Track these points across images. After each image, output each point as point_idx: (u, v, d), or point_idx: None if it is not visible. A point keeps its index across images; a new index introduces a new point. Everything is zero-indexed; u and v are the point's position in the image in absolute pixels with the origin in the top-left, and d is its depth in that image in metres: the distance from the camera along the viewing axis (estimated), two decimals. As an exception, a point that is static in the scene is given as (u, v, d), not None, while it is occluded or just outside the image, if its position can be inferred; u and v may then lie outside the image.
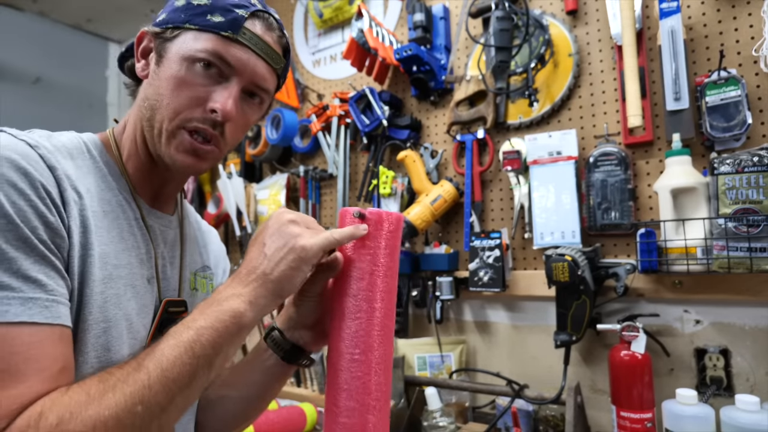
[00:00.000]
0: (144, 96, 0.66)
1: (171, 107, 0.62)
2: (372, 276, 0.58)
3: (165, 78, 0.63)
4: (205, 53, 0.62)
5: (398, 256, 0.61)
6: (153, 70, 0.65)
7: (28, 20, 2.39)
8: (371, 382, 0.56)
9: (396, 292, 0.61)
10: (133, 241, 0.65)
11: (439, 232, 1.50)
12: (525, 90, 1.31)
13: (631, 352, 1.03)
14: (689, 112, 1.08)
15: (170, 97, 0.62)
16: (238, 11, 0.63)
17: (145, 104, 0.65)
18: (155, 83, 0.64)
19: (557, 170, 1.25)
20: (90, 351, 0.56)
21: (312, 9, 1.82)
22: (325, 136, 1.72)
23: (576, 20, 1.30)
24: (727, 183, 0.98)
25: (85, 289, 0.56)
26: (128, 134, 0.68)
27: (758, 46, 1.04)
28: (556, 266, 1.08)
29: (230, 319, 0.53)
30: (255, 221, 1.83)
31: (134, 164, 0.68)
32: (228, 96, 0.63)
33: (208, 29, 0.62)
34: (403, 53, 1.41)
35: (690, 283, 1.09)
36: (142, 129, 0.66)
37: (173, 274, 0.73)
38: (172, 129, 0.63)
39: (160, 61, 0.64)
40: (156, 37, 0.65)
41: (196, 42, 0.62)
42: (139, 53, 0.68)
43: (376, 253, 0.58)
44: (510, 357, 1.36)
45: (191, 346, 0.52)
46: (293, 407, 1.30)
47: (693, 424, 0.93)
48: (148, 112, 0.64)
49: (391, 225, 0.59)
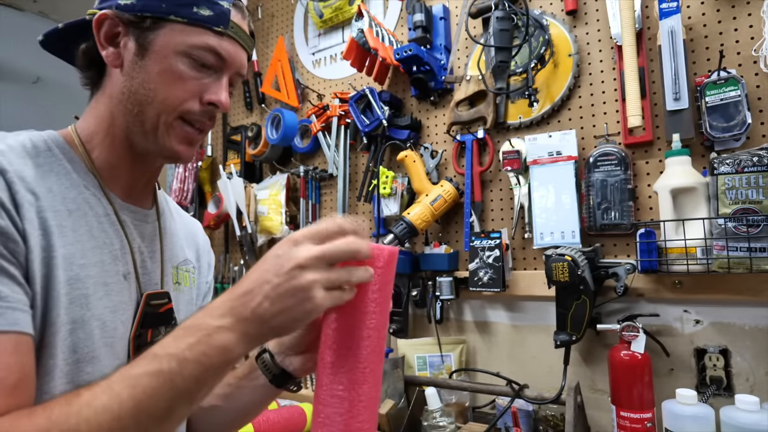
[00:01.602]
0: (126, 90, 0.63)
1: (168, 102, 0.63)
2: (361, 313, 0.55)
3: (156, 72, 0.62)
4: (204, 50, 0.63)
5: (391, 290, 0.58)
6: (133, 62, 0.62)
7: (28, 20, 2.39)
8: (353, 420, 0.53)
9: (386, 326, 0.58)
10: (104, 238, 0.63)
11: (439, 232, 1.50)
12: (525, 90, 1.31)
13: (631, 352, 1.03)
14: (689, 112, 1.08)
15: (166, 91, 0.62)
16: (223, 3, 0.64)
17: (130, 99, 0.63)
18: (141, 77, 0.62)
19: (557, 170, 1.25)
20: (59, 354, 0.55)
21: (312, 9, 1.82)
22: (325, 136, 1.72)
23: (576, 20, 1.31)
24: (727, 183, 0.98)
25: (51, 292, 0.54)
26: (99, 129, 0.66)
27: (758, 46, 1.04)
28: (556, 266, 1.08)
29: (217, 354, 0.48)
30: (255, 221, 1.83)
31: (106, 159, 0.66)
32: (222, 88, 0.65)
33: (198, 23, 0.62)
34: (403, 53, 1.41)
35: (690, 283, 1.09)
36: (124, 123, 0.64)
37: (154, 268, 0.71)
38: (170, 121, 0.64)
39: (143, 53, 0.62)
40: (130, 25, 0.62)
41: (189, 36, 0.62)
42: (102, 38, 0.63)
43: (367, 288, 0.55)
44: (510, 357, 1.36)
45: (172, 378, 0.47)
46: (293, 407, 1.30)
47: (693, 424, 0.93)
48: (136, 106, 0.63)
49: (383, 261, 0.56)
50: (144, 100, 0.62)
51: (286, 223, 1.76)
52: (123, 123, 0.64)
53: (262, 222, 1.81)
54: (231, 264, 2.04)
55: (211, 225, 1.96)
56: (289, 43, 1.94)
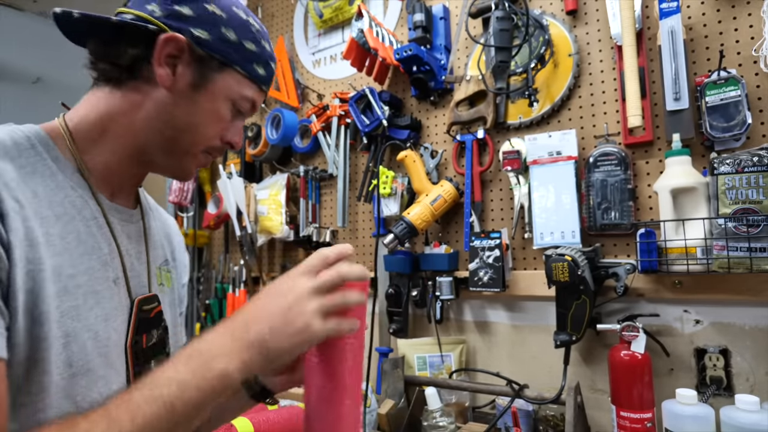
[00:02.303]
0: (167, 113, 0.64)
1: (204, 137, 0.67)
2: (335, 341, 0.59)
3: (204, 110, 0.66)
4: (249, 103, 0.70)
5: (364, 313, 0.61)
6: (185, 90, 0.64)
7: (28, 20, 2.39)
8: None
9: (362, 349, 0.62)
10: (92, 243, 0.61)
11: (439, 232, 1.50)
12: (525, 90, 1.31)
13: (631, 352, 1.03)
14: (689, 112, 1.08)
15: (206, 127, 0.67)
16: (272, 65, 0.71)
17: (168, 122, 0.65)
18: (188, 107, 0.65)
19: (557, 170, 1.25)
20: (53, 369, 0.53)
21: (312, 9, 1.82)
22: (325, 136, 1.72)
23: (576, 20, 1.30)
24: (727, 183, 0.98)
25: (41, 306, 0.52)
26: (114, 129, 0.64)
27: (758, 46, 1.04)
28: (556, 266, 1.08)
29: (218, 381, 0.50)
30: (255, 221, 1.83)
31: (104, 161, 0.64)
32: (240, 131, 0.73)
33: (254, 80, 0.69)
34: (403, 53, 1.41)
35: (690, 283, 1.09)
36: (148, 138, 0.65)
37: (141, 270, 0.70)
38: (196, 152, 0.69)
39: (200, 87, 0.65)
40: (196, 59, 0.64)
41: (243, 88, 0.68)
42: (164, 56, 0.63)
43: None
44: (510, 357, 1.36)
45: (172, 403, 0.48)
46: (293, 407, 1.30)
47: (693, 424, 0.93)
48: (170, 130, 0.65)
49: None
50: (183, 128, 0.65)
51: (286, 223, 1.76)
52: (147, 137, 0.65)
53: (262, 222, 1.81)
54: (231, 264, 2.04)
55: (211, 225, 1.96)
56: (289, 43, 1.94)
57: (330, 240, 1.72)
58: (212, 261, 2.17)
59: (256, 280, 1.91)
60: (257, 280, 1.91)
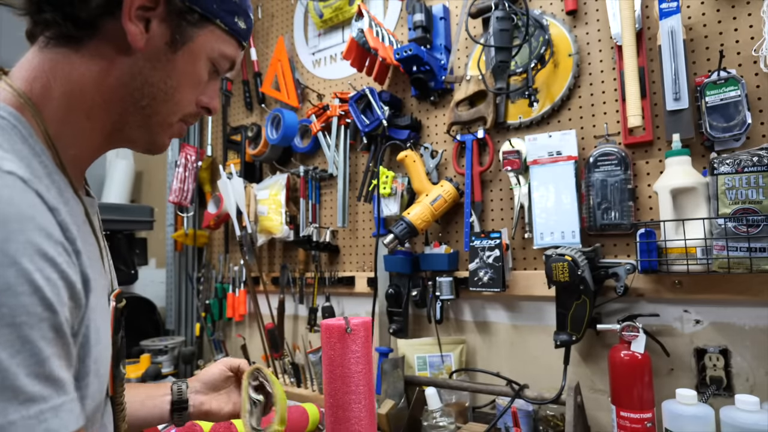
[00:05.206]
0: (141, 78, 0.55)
1: (181, 104, 0.59)
2: None
3: (182, 72, 0.57)
4: (228, 62, 0.62)
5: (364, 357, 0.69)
6: (161, 51, 0.55)
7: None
8: None
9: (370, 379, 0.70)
10: (92, 243, 0.55)
11: (439, 232, 1.50)
12: (525, 90, 1.31)
13: (631, 352, 1.03)
14: (689, 112, 1.08)
15: (183, 92, 0.59)
16: (252, 17, 0.64)
17: (143, 89, 0.55)
18: (166, 70, 0.56)
19: (557, 170, 1.25)
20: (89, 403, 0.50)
21: (312, 9, 1.82)
22: (325, 136, 1.72)
23: (576, 20, 1.30)
24: (727, 183, 0.98)
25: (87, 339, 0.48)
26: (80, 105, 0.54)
27: (758, 46, 1.04)
28: (556, 266, 1.08)
29: None
30: (255, 221, 1.83)
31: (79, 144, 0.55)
32: (216, 94, 0.65)
33: (235, 34, 0.61)
34: (403, 53, 1.41)
35: (690, 283, 1.09)
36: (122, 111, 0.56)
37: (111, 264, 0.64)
38: (172, 122, 0.60)
39: (176, 47, 0.56)
40: (173, 12, 0.54)
41: (224, 45, 0.60)
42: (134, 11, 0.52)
43: None
44: (510, 357, 1.36)
45: None
46: (295, 407, 1.30)
47: (693, 424, 0.93)
48: (146, 99, 0.56)
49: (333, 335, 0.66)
50: (158, 96, 0.56)
51: (286, 223, 1.76)
52: (121, 112, 0.56)
53: (262, 222, 1.81)
54: (231, 264, 2.04)
55: (211, 225, 1.97)
56: (289, 43, 1.94)
57: (330, 240, 1.72)
58: (212, 261, 2.17)
59: (256, 280, 1.91)
60: (257, 280, 1.91)
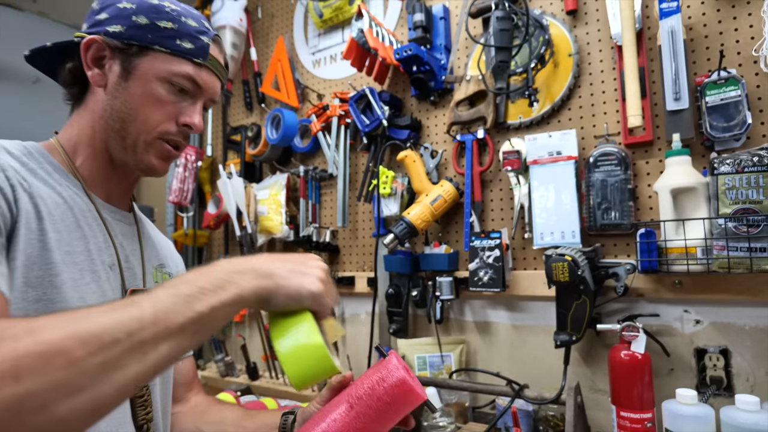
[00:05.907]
0: (109, 108, 0.70)
1: (148, 122, 0.70)
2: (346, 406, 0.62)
3: (138, 95, 0.69)
4: (183, 78, 0.70)
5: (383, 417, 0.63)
6: (117, 83, 0.69)
7: (28, 20, 2.39)
8: None
9: None
10: (88, 230, 0.67)
11: (439, 232, 1.50)
12: (525, 90, 1.31)
13: (631, 352, 1.03)
14: (689, 112, 1.08)
15: (146, 112, 0.69)
16: (203, 38, 0.72)
17: (112, 116, 0.70)
18: (123, 97, 0.69)
19: (557, 170, 1.25)
20: None
21: (312, 9, 1.82)
22: (325, 136, 1.72)
23: (576, 20, 1.30)
24: (727, 183, 0.98)
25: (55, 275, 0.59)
26: (81, 140, 0.72)
27: (758, 46, 1.04)
28: (556, 266, 1.08)
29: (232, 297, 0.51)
30: (255, 221, 1.83)
31: (89, 166, 0.72)
32: (196, 112, 0.73)
33: (181, 54, 0.70)
34: (403, 53, 1.41)
35: (690, 283, 1.09)
36: (105, 137, 0.71)
37: (136, 264, 0.75)
38: (150, 140, 0.71)
39: (127, 76, 0.69)
40: (117, 51, 0.69)
41: (171, 65, 0.69)
42: (89, 60, 0.70)
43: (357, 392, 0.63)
44: (510, 357, 1.36)
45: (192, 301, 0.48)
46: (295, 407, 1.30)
47: (693, 424, 0.93)
48: (117, 123, 0.69)
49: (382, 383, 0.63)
50: (126, 118, 0.69)
51: (286, 223, 1.76)
52: (104, 137, 0.71)
53: (262, 222, 1.80)
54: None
55: (211, 225, 1.96)
56: (289, 43, 1.94)
57: (330, 240, 1.72)
58: (212, 261, 2.17)
59: (256, 280, 1.90)
60: (257, 280, 1.90)
